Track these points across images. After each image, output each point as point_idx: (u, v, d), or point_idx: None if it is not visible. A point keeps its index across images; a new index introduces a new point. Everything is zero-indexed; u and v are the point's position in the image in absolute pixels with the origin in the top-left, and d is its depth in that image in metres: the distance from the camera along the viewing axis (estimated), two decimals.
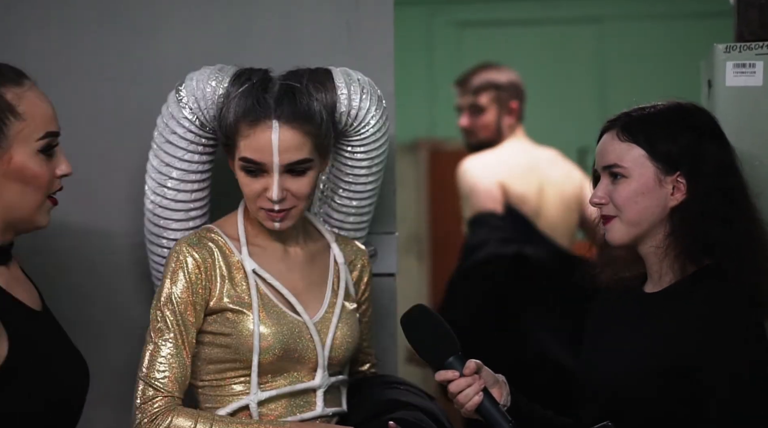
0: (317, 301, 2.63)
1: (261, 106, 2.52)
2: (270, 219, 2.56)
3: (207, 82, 2.63)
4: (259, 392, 2.55)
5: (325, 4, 2.93)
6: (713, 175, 2.34)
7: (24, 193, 2.20)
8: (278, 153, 2.51)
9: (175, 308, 2.53)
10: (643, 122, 2.38)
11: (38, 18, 2.90)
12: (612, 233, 2.39)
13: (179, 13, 2.93)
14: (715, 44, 2.64)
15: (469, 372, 2.32)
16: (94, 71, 2.87)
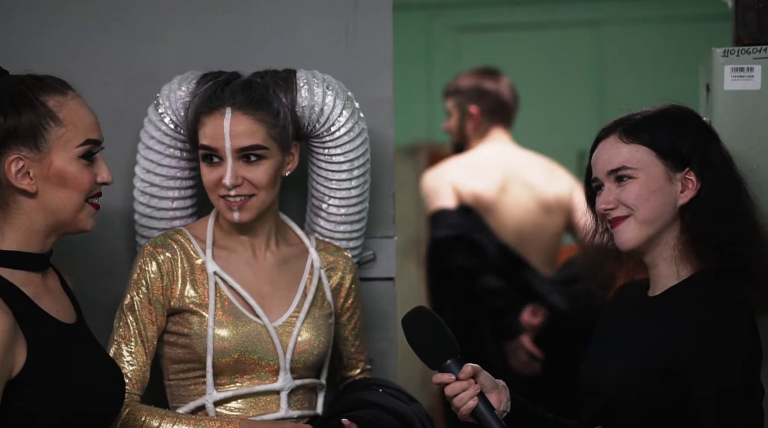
0: (283, 305, 2.65)
1: (217, 96, 2.60)
2: (228, 208, 2.61)
3: (179, 86, 2.70)
4: (215, 392, 2.59)
5: (323, 8, 2.94)
6: (722, 169, 2.36)
7: (64, 196, 2.25)
8: (229, 138, 2.57)
9: (135, 311, 2.61)
10: (645, 123, 2.39)
11: (36, 23, 2.90)
12: (624, 234, 2.37)
13: (177, 17, 2.93)
14: (713, 48, 2.65)
15: (465, 376, 2.32)
16: (92, 76, 2.87)
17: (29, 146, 2.22)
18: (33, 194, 2.24)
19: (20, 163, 2.22)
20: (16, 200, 2.24)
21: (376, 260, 2.94)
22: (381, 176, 2.95)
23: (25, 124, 2.22)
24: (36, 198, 2.24)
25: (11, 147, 2.22)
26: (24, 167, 2.22)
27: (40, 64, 2.41)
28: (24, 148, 2.22)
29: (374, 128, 2.94)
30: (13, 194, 2.24)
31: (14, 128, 2.21)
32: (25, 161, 2.22)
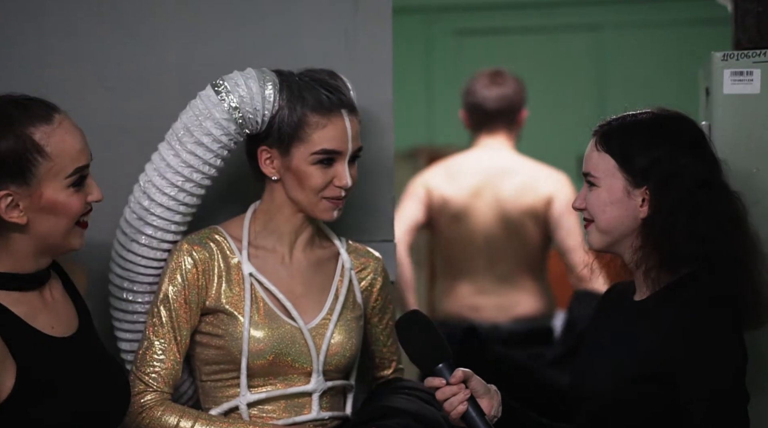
0: (316, 307, 2.65)
1: (330, 97, 2.61)
2: (332, 208, 2.63)
3: (250, 82, 2.63)
4: (249, 394, 2.58)
5: (324, 12, 2.94)
6: (682, 190, 2.32)
7: (55, 223, 2.24)
8: (351, 139, 2.61)
9: (170, 306, 2.59)
10: (620, 133, 2.39)
11: (38, 28, 2.90)
12: (589, 236, 2.42)
13: (179, 22, 2.93)
14: (713, 52, 2.65)
15: (456, 381, 2.32)
16: (95, 81, 2.87)
17: (17, 182, 2.19)
18: (23, 226, 2.21)
19: (9, 198, 2.19)
20: (8, 228, 2.22)
21: None
22: (381, 180, 2.95)
23: (10, 159, 2.18)
24: (27, 227, 2.22)
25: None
26: (13, 201, 2.19)
27: (41, 69, 2.41)
28: (12, 184, 2.19)
29: (374, 131, 2.94)
30: (3, 225, 2.22)
31: (0, 164, 2.18)
32: (14, 196, 2.19)
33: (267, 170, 2.64)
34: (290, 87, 2.62)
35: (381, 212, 2.95)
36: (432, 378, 2.35)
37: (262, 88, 2.62)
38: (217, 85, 2.64)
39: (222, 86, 2.63)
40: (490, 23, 6.76)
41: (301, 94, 2.61)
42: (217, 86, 2.64)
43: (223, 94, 2.63)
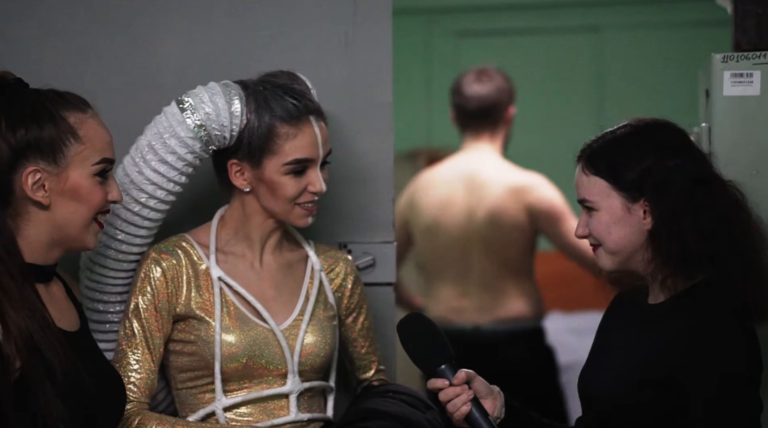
0: (288, 309, 2.66)
1: (298, 105, 2.60)
2: (307, 215, 2.64)
3: (216, 98, 2.61)
4: (224, 398, 2.58)
5: (323, 13, 2.94)
6: (679, 193, 2.32)
7: (75, 211, 2.30)
8: (321, 145, 2.61)
9: (141, 316, 2.59)
10: (604, 152, 2.39)
11: (37, 29, 2.90)
12: (599, 261, 2.42)
13: (177, 24, 2.93)
14: (713, 54, 2.65)
15: (459, 382, 2.32)
16: (93, 82, 2.88)
17: (48, 159, 2.26)
18: (46, 206, 2.28)
19: (37, 175, 2.26)
20: (28, 211, 2.28)
21: (376, 266, 2.94)
22: (380, 182, 2.95)
23: (45, 138, 2.26)
24: (48, 211, 2.28)
25: (30, 159, 2.26)
26: (40, 180, 2.26)
27: (42, 71, 2.43)
28: (42, 161, 2.26)
29: (373, 133, 2.94)
30: (26, 205, 2.28)
31: (35, 141, 2.25)
32: (42, 174, 2.26)
33: (238, 182, 2.64)
34: (256, 99, 2.61)
35: (381, 213, 2.95)
36: (435, 379, 2.34)
37: (228, 103, 2.60)
38: (181, 102, 2.63)
39: (187, 104, 2.62)
40: (490, 25, 6.75)
41: (269, 105, 2.60)
42: (182, 104, 2.63)
43: (188, 112, 2.62)
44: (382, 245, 2.95)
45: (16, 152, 2.25)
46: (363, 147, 2.95)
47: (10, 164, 2.25)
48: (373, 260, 2.94)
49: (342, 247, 2.93)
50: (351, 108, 2.94)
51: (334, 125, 2.93)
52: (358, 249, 2.94)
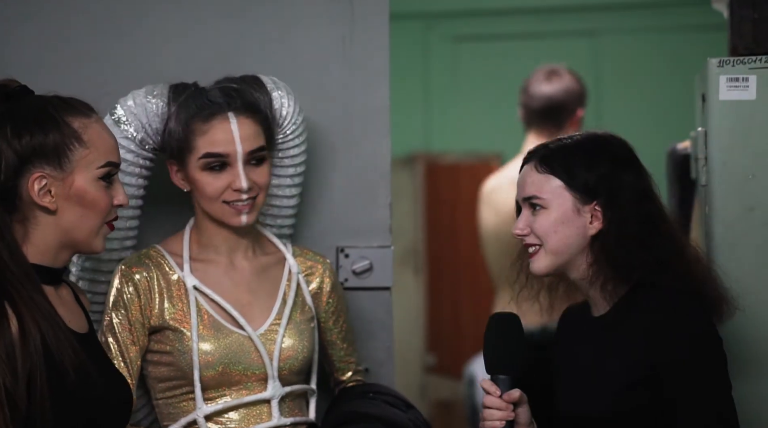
0: (264, 313, 2.66)
1: (212, 102, 2.60)
2: (237, 213, 2.61)
3: (145, 98, 2.66)
4: (205, 406, 2.58)
5: (321, 18, 2.95)
6: (629, 202, 2.37)
7: (83, 216, 2.32)
8: (240, 142, 2.58)
9: (116, 332, 2.60)
10: (561, 153, 2.41)
11: (36, 33, 2.91)
12: (536, 263, 2.43)
13: (177, 27, 2.94)
14: (709, 58, 2.66)
15: (508, 398, 2.32)
16: (89, 85, 2.88)
17: (53, 164, 2.28)
18: (53, 211, 2.30)
19: (43, 181, 2.28)
20: (36, 216, 2.30)
21: (373, 270, 2.94)
22: (377, 186, 2.96)
23: (50, 143, 2.28)
24: (55, 216, 2.30)
25: (35, 165, 2.28)
26: (47, 185, 2.28)
27: (42, 76, 2.43)
28: (48, 166, 2.28)
29: (371, 137, 2.95)
30: (33, 210, 2.30)
31: (40, 147, 2.27)
32: (48, 179, 2.28)
33: (177, 182, 2.66)
34: (177, 99, 2.63)
35: (378, 217, 2.95)
36: (490, 382, 2.34)
37: (151, 103, 2.65)
38: (113, 110, 2.68)
39: (117, 110, 2.67)
40: (487, 29, 6.76)
41: (187, 103, 2.62)
42: (113, 111, 2.68)
43: (117, 116, 2.67)
44: (379, 249, 2.95)
45: (22, 158, 2.27)
46: (360, 152, 2.96)
47: (17, 170, 2.27)
48: (371, 265, 2.94)
49: (339, 251, 2.94)
50: (348, 112, 2.95)
51: (332, 129, 2.94)
52: (355, 254, 2.94)
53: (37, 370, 2.17)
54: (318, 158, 2.93)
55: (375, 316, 2.96)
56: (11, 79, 2.34)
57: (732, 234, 2.63)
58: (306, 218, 2.93)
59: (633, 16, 6.52)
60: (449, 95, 6.67)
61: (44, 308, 2.23)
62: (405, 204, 5.85)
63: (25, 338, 2.18)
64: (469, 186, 6.28)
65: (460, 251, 6.08)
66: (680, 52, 6.07)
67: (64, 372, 2.21)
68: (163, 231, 2.78)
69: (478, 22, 6.81)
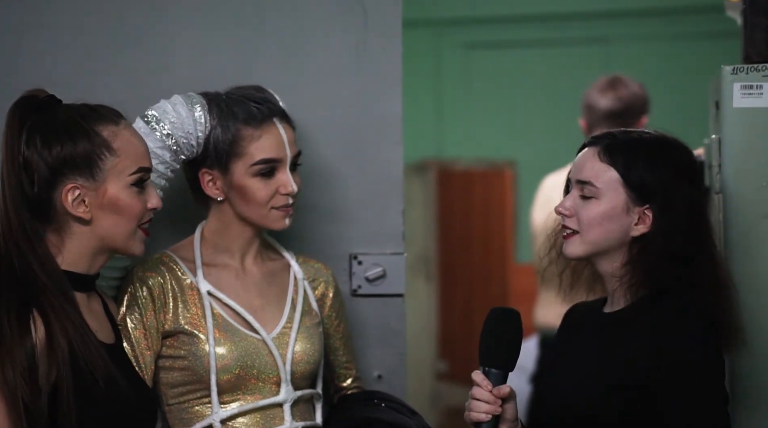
0: (275, 318, 2.67)
1: (260, 108, 2.62)
2: (283, 217, 2.65)
3: (178, 107, 2.65)
4: (221, 410, 2.58)
5: (334, 25, 2.95)
6: (681, 214, 2.34)
7: (117, 223, 2.33)
8: (288, 145, 2.64)
9: (130, 336, 2.58)
10: (626, 147, 2.38)
11: (50, 42, 2.91)
12: (570, 246, 2.40)
13: (189, 35, 2.94)
14: (723, 66, 2.65)
15: (497, 393, 2.29)
16: (104, 94, 2.88)
17: (85, 175, 2.29)
18: (88, 221, 2.31)
19: (76, 191, 2.29)
20: (71, 225, 2.31)
21: (386, 277, 2.95)
22: (390, 193, 2.96)
23: (81, 153, 2.29)
24: (90, 225, 2.31)
25: (68, 176, 2.29)
26: (80, 196, 2.29)
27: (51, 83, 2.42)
28: (80, 177, 2.29)
29: (384, 144, 2.95)
30: (68, 220, 2.31)
31: (71, 157, 2.28)
32: (81, 190, 2.29)
33: (211, 191, 2.66)
34: (219, 105, 2.64)
35: (390, 225, 2.95)
36: (481, 374, 2.31)
37: (191, 111, 2.64)
38: (146, 116, 2.65)
39: (151, 116, 2.65)
40: (499, 36, 6.77)
41: (231, 110, 2.63)
42: (146, 117, 2.65)
43: (153, 124, 2.64)
44: (392, 256, 2.95)
45: (54, 169, 2.28)
46: (373, 159, 2.96)
47: (49, 182, 2.28)
48: (384, 272, 2.94)
49: (352, 258, 2.94)
50: (361, 120, 2.95)
51: (345, 136, 2.94)
52: (368, 261, 2.94)
53: (64, 380, 2.18)
54: (331, 166, 2.94)
55: (387, 323, 2.96)
56: (40, 89, 2.34)
57: (746, 242, 2.62)
58: (319, 225, 2.93)
59: (645, 23, 6.53)
60: (461, 102, 6.69)
61: (74, 319, 2.24)
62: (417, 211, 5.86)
63: (53, 348, 2.19)
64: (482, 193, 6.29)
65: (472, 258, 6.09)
66: (693, 60, 6.08)
67: (93, 383, 2.22)
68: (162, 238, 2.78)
69: (491, 29, 6.82)
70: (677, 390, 2.25)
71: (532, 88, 6.65)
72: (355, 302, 2.93)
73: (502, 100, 6.63)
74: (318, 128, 2.87)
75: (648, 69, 6.45)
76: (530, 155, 6.39)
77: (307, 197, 2.82)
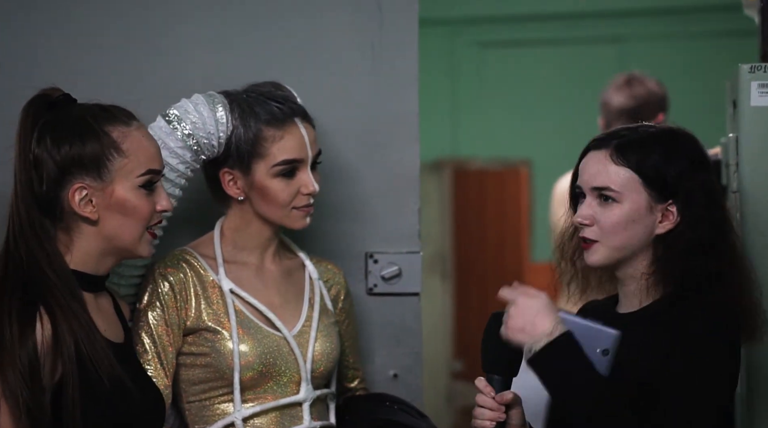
0: (294, 316, 2.67)
1: (282, 108, 2.62)
2: (304, 216, 2.65)
3: (200, 107, 2.64)
4: (243, 409, 2.59)
5: (349, 25, 2.95)
6: (703, 205, 2.28)
7: (124, 224, 2.33)
8: (309, 145, 2.64)
9: (152, 332, 2.59)
10: (638, 145, 2.31)
11: (65, 41, 2.92)
12: (593, 255, 2.33)
13: (203, 34, 2.95)
14: (740, 65, 2.65)
15: (499, 399, 2.29)
16: (115, 92, 2.88)
17: (93, 175, 2.30)
18: (94, 221, 2.31)
19: (84, 191, 2.30)
20: (78, 225, 2.32)
21: (402, 276, 2.95)
22: (406, 192, 2.96)
23: (89, 153, 2.29)
24: (97, 225, 2.32)
25: (75, 176, 2.29)
26: (87, 196, 2.30)
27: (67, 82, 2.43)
28: (88, 177, 2.30)
29: (399, 143, 2.95)
30: (75, 219, 2.31)
31: (79, 157, 2.29)
32: (88, 190, 2.30)
33: (232, 191, 2.66)
34: (240, 105, 2.64)
35: (406, 223, 2.95)
36: (484, 381, 2.30)
37: (212, 111, 2.63)
38: (167, 115, 2.65)
39: (173, 116, 2.64)
40: (514, 35, 6.76)
41: (253, 110, 2.63)
42: (168, 116, 2.65)
43: (174, 123, 2.64)
44: (408, 255, 2.95)
45: (62, 168, 2.28)
46: (389, 158, 2.96)
47: (57, 181, 2.29)
48: (399, 271, 2.94)
49: (368, 257, 2.94)
50: (377, 119, 2.95)
51: (361, 135, 2.94)
52: (384, 259, 2.95)
53: (70, 378, 2.19)
54: (347, 165, 2.94)
55: (403, 322, 2.96)
56: (54, 88, 2.35)
57: (764, 240, 2.61)
58: (335, 223, 2.93)
59: (661, 22, 6.51)
60: (476, 101, 6.69)
61: (81, 317, 2.24)
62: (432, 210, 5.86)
63: (59, 345, 2.19)
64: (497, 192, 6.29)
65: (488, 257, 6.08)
66: (710, 59, 6.06)
67: (98, 381, 2.22)
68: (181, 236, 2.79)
69: (505, 28, 6.82)
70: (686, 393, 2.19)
71: (547, 87, 6.64)
72: (371, 301, 2.94)
73: (518, 99, 6.63)
74: (334, 127, 2.87)
75: (664, 68, 6.43)
76: (545, 153, 6.38)
77: (323, 195, 2.82)
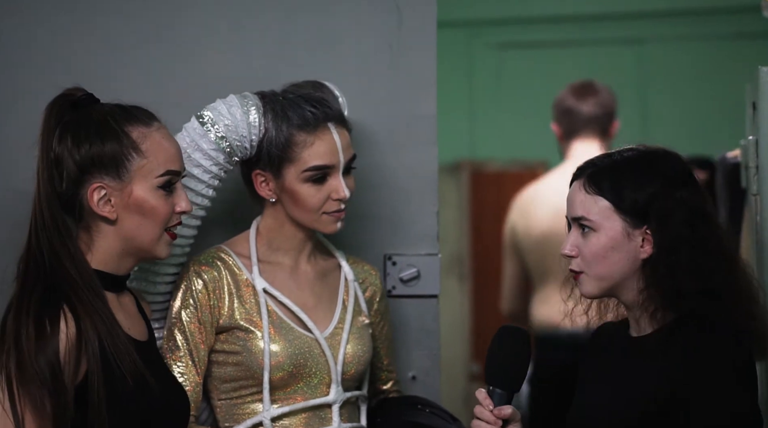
0: (327, 317, 2.67)
1: (315, 113, 2.61)
2: (335, 221, 2.65)
3: (233, 109, 2.64)
4: (272, 408, 2.59)
5: (367, 26, 2.95)
6: (681, 224, 2.26)
7: (142, 225, 2.34)
8: (342, 151, 2.61)
9: (185, 329, 2.59)
10: (609, 172, 2.31)
11: (82, 43, 2.93)
12: (583, 287, 2.34)
13: (221, 36, 2.95)
14: (760, 67, 2.64)
15: (497, 413, 2.28)
16: (132, 94, 2.89)
17: (111, 174, 2.31)
18: (113, 221, 2.32)
19: (102, 191, 2.31)
20: (98, 224, 2.34)
21: (420, 278, 2.94)
22: (424, 194, 2.96)
23: (108, 153, 2.31)
24: (115, 225, 2.33)
25: (95, 175, 2.31)
26: (106, 195, 2.31)
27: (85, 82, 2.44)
28: (107, 176, 2.31)
29: (418, 145, 2.95)
30: (95, 219, 2.33)
31: (98, 157, 2.31)
32: (107, 189, 2.31)
33: (263, 192, 2.66)
34: (274, 109, 2.63)
35: (425, 225, 2.95)
36: (485, 393, 2.30)
37: (245, 114, 2.63)
38: (201, 116, 2.65)
39: (207, 117, 2.64)
40: (532, 37, 6.75)
41: (285, 114, 2.62)
42: (202, 118, 2.65)
43: (208, 125, 2.64)
44: (426, 257, 2.95)
45: (81, 167, 2.30)
46: (407, 159, 2.96)
47: (77, 180, 2.31)
48: (418, 273, 2.94)
49: (387, 259, 2.94)
50: (395, 120, 2.95)
51: (379, 136, 2.94)
52: (402, 261, 2.95)
53: (95, 375, 2.20)
54: (365, 166, 2.93)
55: (422, 324, 2.96)
56: (77, 88, 2.37)
57: None
58: (353, 225, 2.93)
59: (680, 23, 6.48)
60: (494, 103, 6.67)
61: (104, 315, 2.25)
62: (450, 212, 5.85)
63: (83, 343, 2.20)
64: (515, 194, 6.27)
65: None
66: (729, 60, 6.03)
67: (121, 379, 2.23)
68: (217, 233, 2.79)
69: (523, 29, 6.80)
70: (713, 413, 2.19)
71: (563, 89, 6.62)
72: (390, 303, 2.93)
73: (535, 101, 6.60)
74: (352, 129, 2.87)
75: (682, 70, 6.42)
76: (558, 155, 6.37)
77: None
